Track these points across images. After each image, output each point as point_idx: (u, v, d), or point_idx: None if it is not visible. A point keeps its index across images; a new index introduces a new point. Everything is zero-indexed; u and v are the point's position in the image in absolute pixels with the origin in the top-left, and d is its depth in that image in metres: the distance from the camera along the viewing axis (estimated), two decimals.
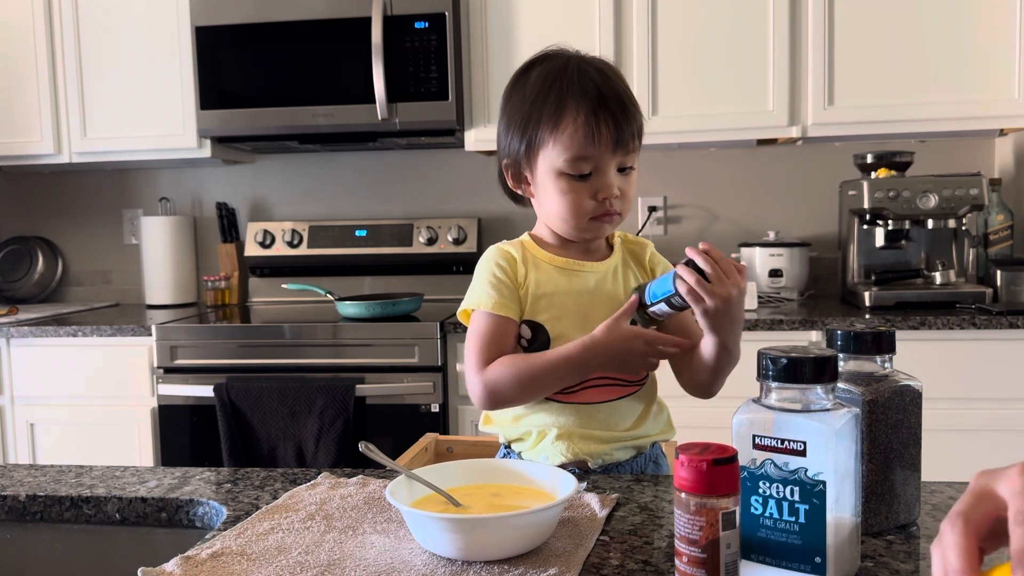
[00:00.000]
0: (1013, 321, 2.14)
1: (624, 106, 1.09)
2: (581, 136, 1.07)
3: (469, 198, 2.98)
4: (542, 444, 1.14)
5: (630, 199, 1.14)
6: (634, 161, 1.12)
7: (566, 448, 1.13)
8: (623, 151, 1.09)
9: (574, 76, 1.09)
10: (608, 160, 1.09)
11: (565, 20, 2.53)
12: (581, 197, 1.10)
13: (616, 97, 1.09)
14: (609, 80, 1.10)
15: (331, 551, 0.81)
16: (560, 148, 1.09)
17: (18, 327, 2.51)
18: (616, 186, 1.10)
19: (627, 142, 1.09)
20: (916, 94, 2.42)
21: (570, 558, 0.78)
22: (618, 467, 1.16)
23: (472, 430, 2.36)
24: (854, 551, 0.73)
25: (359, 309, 2.44)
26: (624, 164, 1.11)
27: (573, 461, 1.13)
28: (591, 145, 1.07)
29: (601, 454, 1.14)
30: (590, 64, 1.12)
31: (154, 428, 2.47)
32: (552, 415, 1.14)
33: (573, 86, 1.08)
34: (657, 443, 1.21)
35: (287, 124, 2.62)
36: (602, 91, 1.08)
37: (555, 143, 1.09)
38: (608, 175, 1.10)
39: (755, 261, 2.61)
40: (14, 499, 1.03)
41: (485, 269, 1.15)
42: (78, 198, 3.21)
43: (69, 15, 2.74)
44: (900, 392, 0.83)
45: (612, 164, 1.10)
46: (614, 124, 1.07)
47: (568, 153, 1.08)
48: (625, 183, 1.12)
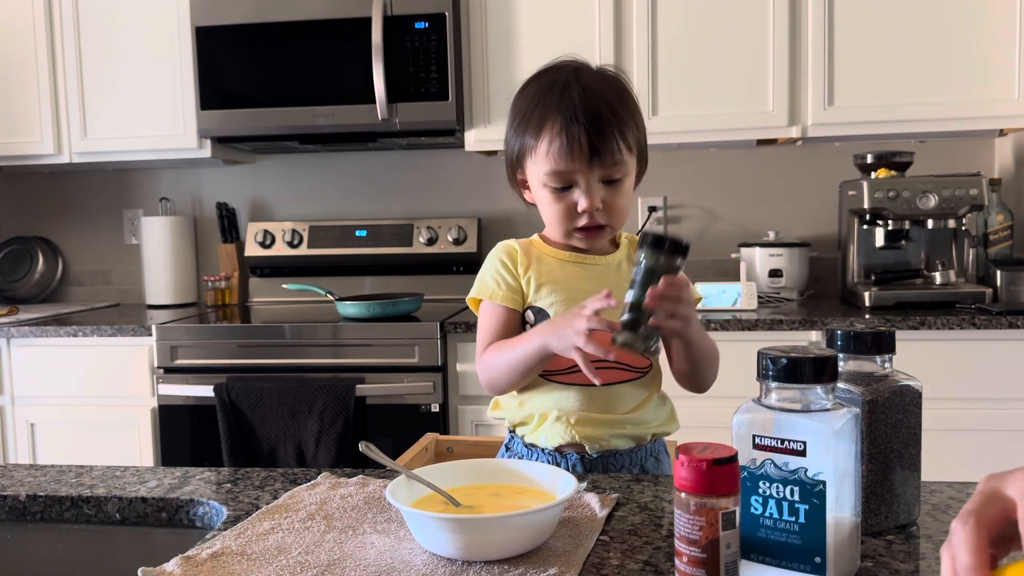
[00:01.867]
0: (1013, 321, 2.14)
1: (599, 121, 1.10)
2: (556, 151, 1.11)
3: (469, 198, 2.98)
4: (543, 426, 1.18)
5: (620, 210, 1.15)
6: (623, 173, 1.13)
7: (564, 430, 1.15)
8: (600, 164, 1.11)
9: (557, 92, 1.12)
10: (586, 174, 1.11)
11: (565, 20, 2.53)
12: (563, 209, 1.14)
13: (593, 112, 1.10)
14: (592, 95, 1.11)
15: (331, 551, 0.81)
16: (540, 162, 1.13)
17: (18, 327, 2.51)
18: (598, 199, 1.12)
19: (604, 156, 1.10)
20: (916, 94, 2.42)
21: (570, 558, 0.78)
22: (616, 456, 1.17)
23: (472, 430, 2.36)
24: (854, 551, 0.73)
25: (359, 309, 2.44)
26: (609, 176, 1.12)
27: (570, 443, 1.16)
28: (566, 160, 1.10)
29: (598, 438, 1.15)
30: (582, 78, 1.13)
31: (154, 428, 2.47)
32: (554, 397, 1.17)
33: (553, 102, 1.12)
34: (660, 439, 1.22)
35: (287, 124, 2.62)
36: (578, 107, 1.10)
37: (536, 156, 1.14)
38: (587, 189, 1.12)
39: (755, 261, 2.61)
40: (14, 499, 1.03)
41: (490, 261, 1.21)
42: (78, 198, 3.21)
43: (69, 15, 2.74)
44: (900, 392, 0.83)
45: (591, 177, 1.12)
46: (587, 139, 1.09)
47: (546, 167, 1.12)
48: (612, 195, 1.13)
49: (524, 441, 1.20)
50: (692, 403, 1.23)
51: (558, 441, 1.16)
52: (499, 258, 1.20)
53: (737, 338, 2.23)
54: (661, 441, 1.23)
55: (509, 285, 1.18)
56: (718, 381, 1.20)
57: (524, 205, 1.25)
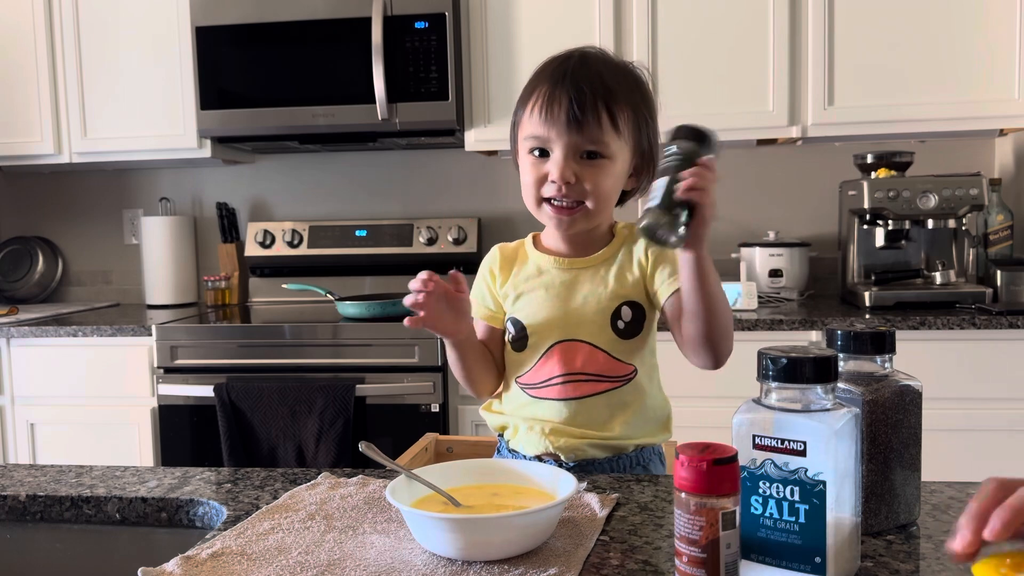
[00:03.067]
0: (1013, 321, 2.14)
1: (586, 88, 1.06)
2: (536, 113, 1.09)
3: (469, 198, 2.98)
4: (519, 435, 1.18)
5: (600, 192, 1.09)
6: (607, 152, 1.08)
7: (539, 440, 1.15)
8: (577, 131, 1.06)
9: (557, 63, 1.11)
10: (562, 140, 1.07)
11: (565, 20, 2.53)
12: (535, 177, 1.10)
13: (582, 79, 1.07)
14: (589, 67, 1.09)
15: (331, 551, 0.81)
16: (524, 127, 1.12)
17: (18, 327, 2.51)
18: (569, 171, 1.07)
19: (584, 125, 1.06)
20: (916, 94, 2.42)
21: (570, 558, 0.78)
22: (594, 464, 1.15)
23: (472, 430, 2.36)
24: (854, 551, 0.73)
25: (359, 309, 2.44)
26: (584, 147, 1.07)
27: (546, 454, 1.15)
28: (544, 123, 1.08)
29: (573, 448, 1.14)
30: (588, 55, 1.12)
31: (154, 428, 2.47)
32: (530, 409, 1.17)
33: (548, 70, 1.10)
34: (649, 448, 1.19)
35: (287, 124, 2.62)
36: (568, 73, 1.08)
37: (522, 123, 1.12)
38: (561, 157, 1.07)
39: (755, 261, 2.61)
40: (14, 499, 1.03)
41: (479, 273, 1.24)
42: (78, 198, 3.21)
43: (69, 15, 2.73)
44: (900, 392, 0.83)
45: (567, 145, 1.07)
46: (567, 104, 1.06)
47: (527, 130, 1.10)
48: (591, 172, 1.08)
49: (508, 446, 1.21)
50: (692, 403, 1.23)
51: (535, 450, 1.16)
52: (483, 273, 1.22)
53: (737, 338, 2.20)
54: (653, 450, 1.19)
55: (486, 304, 1.21)
56: (718, 381, 1.20)
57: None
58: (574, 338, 1.13)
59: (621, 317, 1.13)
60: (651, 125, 1.14)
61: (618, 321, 1.13)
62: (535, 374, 1.15)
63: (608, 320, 1.13)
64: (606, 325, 1.13)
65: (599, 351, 1.13)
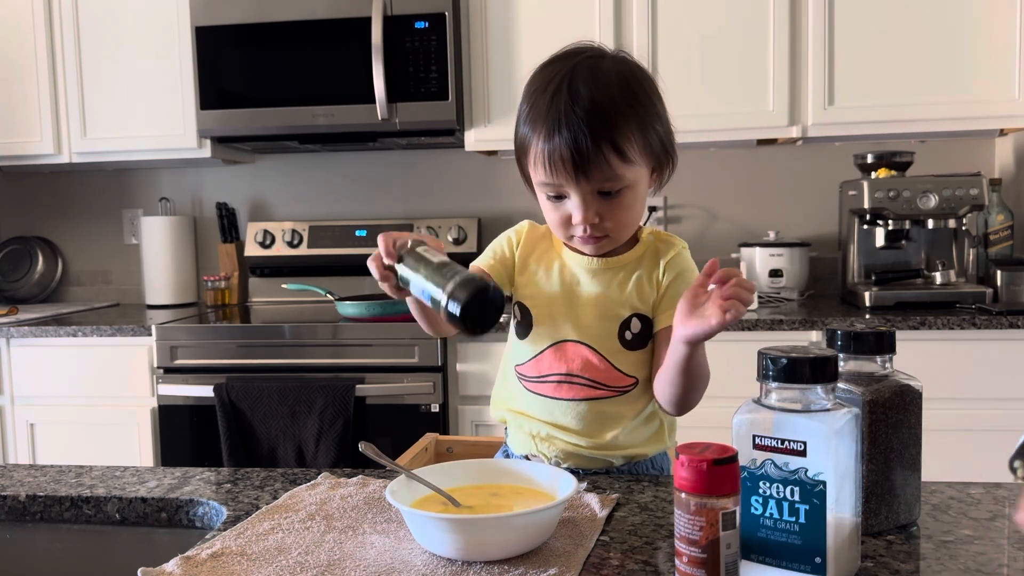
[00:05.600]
0: (1013, 321, 2.14)
1: (581, 135, 0.99)
2: (542, 162, 1.04)
3: (469, 198, 2.98)
4: (512, 431, 1.18)
5: (622, 222, 1.07)
6: (621, 184, 1.03)
7: (528, 440, 1.15)
8: (586, 178, 1.02)
9: (550, 92, 1.03)
10: (574, 188, 1.03)
11: (565, 21, 2.53)
12: (558, 219, 1.08)
13: (576, 122, 1.00)
14: (579, 103, 1.01)
15: (331, 551, 0.81)
16: (533, 166, 1.07)
17: (18, 327, 2.51)
18: (591, 213, 1.04)
19: (592, 171, 1.01)
20: (916, 94, 2.42)
21: (570, 558, 0.78)
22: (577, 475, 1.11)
23: (472, 430, 2.36)
24: (854, 551, 0.73)
25: (359, 309, 2.44)
26: (600, 188, 1.03)
27: (532, 455, 1.15)
28: (551, 173, 1.03)
29: (555, 454, 1.13)
30: (577, 78, 1.03)
31: (154, 428, 2.47)
32: (522, 400, 1.15)
33: (542, 109, 1.03)
34: (642, 460, 1.15)
35: (287, 124, 2.62)
36: (562, 116, 1.00)
37: (530, 160, 1.07)
38: (579, 202, 1.04)
39: (755, 261, 2.61)
40: (14, 499, 1.03)
41: (502, 234, 1.20)
42: (78, 198, 3.21)
43: (69, 15, 2.73)
44: (900, 392, 0.83)
45: (582, 191, 1.03)
46: (569, 154, 1.00)
47: (537, 176, 1.06)
48: (611, 208, 1.05)
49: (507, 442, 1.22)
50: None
51: (522, 450, 1.16)
52: (508, 234, 1.19)
53: (737, 338, 2.23)
54: (649, 462, 1.16)
55: (500, 257, 1.17)
56: (718, 381, 1.19)
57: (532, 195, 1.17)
58: (578, 340, 1.11)
59: (630, 328, 1.10)
60: (660, 128, 1.10)
61: (626, 332, 1.10)
62: (533, 366, 1.14)
63: (616, 329, 1.10)
64: (613, 334, 1.10)
65: (601, 358, 1.10)
